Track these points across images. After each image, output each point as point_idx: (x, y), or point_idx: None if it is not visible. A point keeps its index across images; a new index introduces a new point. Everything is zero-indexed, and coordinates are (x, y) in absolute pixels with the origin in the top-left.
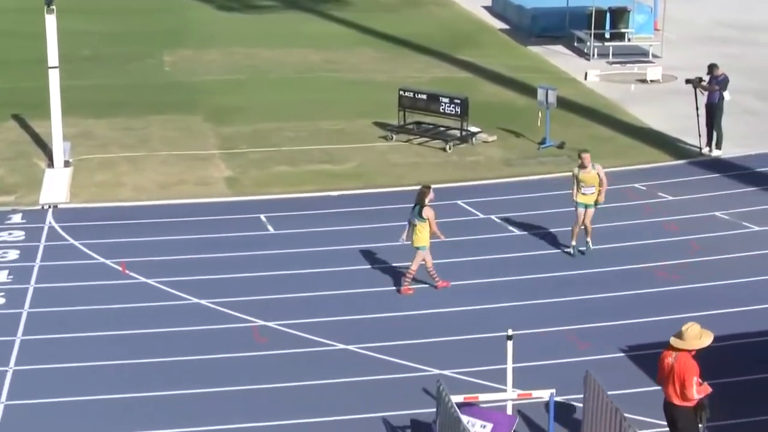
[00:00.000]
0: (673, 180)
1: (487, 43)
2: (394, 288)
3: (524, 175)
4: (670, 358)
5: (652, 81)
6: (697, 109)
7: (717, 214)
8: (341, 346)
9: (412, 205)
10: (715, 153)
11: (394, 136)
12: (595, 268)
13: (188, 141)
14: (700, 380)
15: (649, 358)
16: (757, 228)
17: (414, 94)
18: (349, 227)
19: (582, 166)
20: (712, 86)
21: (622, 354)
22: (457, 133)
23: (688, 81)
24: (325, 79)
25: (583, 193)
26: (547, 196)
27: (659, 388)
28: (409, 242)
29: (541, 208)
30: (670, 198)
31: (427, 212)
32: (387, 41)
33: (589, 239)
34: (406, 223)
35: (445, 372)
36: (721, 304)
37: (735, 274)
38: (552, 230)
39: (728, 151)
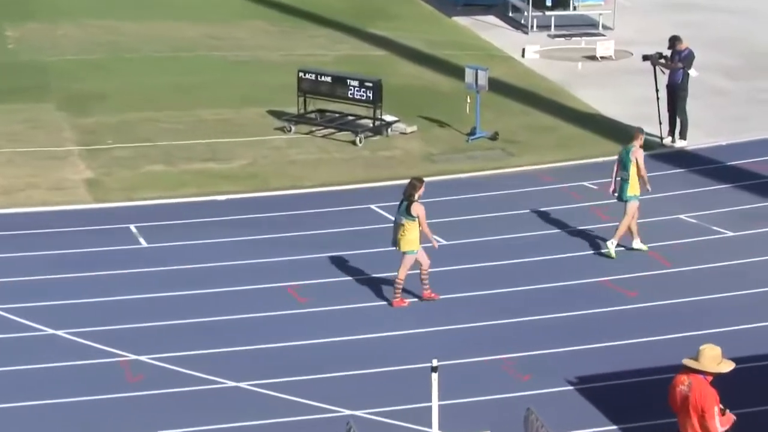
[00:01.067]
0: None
1: (405, 15)
2: (296, 311)
3: (450, 173)
4: (682, 386)
5: (602, 58)
6: (657, 90)
7: (682, 216)
8: (231, 383)
9: (399, 201)
10: (679, 143)
11: (293, 128)
12: (537, 284)
13: (38, 135)
14: (721, 408)
15: (602, 392)
16: (730, 233)
17: (316, 77)
18: (239, 239)
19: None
20: (675, 63)
21: (570, 387)
22: (370, 123)
23: (645, 57)
24: (206, 58)
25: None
26: (478, 198)
27: (615, 426)
28: (395, 247)
29: (471, 213)
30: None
31: (417, 209)
32: (282, 12)
33: (615, 240)
34: (393, 223)
35: (357, 413)
36: (687, 325)
37: (706, 290)
38: (485, 238)
39: (695, 140)
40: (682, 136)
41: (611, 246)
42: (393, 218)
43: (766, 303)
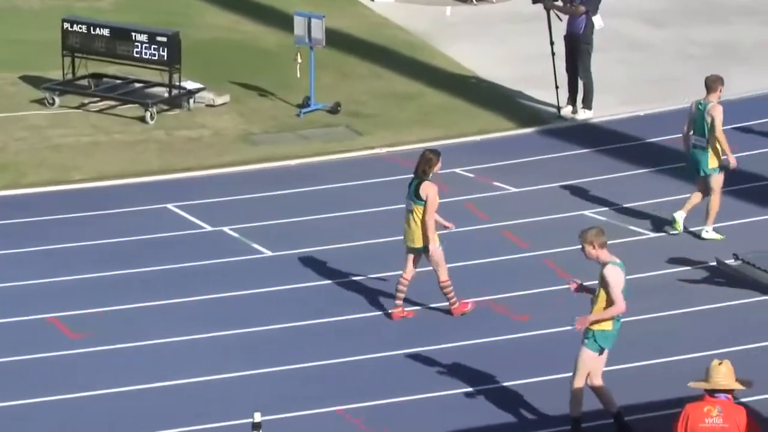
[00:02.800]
0: (516, 160)
1: None
2: (66, 352)
3: (276, 159)
4: (710, 418)
5: (478, 1)
6: (551, 44)
7: (586, 213)
8: None
9: (409, 179)
10: (583, 114)
11: (57, 100)
12: (378, 309)
13: None
14: None
15: None
16: (651, 234)
17: (89, 29)
18: None
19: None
20: (576, 7)
21: None
22: (164, 92)
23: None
24: None
25: None
26: (311, 193)
27: None
28: (407, 243)
29: (303, 213)
30: (513, 190)
31: (428, 189)
32: None
33: (710, 225)
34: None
35: None
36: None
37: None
38: (323, 247)
39: (603, 110)
40: (587, 104)
41: (710, 234)
42: (198, 224)
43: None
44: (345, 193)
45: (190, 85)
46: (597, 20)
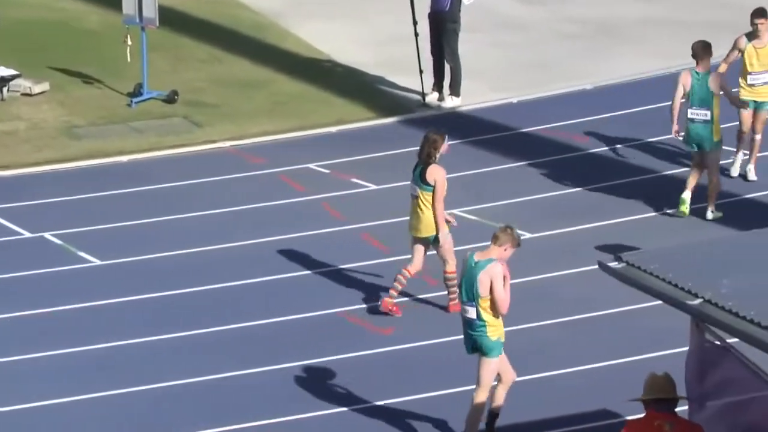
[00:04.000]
0: (377, 154)
1: None
2: None
3: (104, 155)
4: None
5: None
6: (415, 24)
7: (455, 211)
8: None
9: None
10: (450, 102)
11: None
12: (234, 323)
13: None
14: None
15: None
16: (529, 235)
17: None
18: None
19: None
20: None
21: None
22: None
23: None
24: None
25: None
26: (149, 192)
27: None
28: (412, 232)
29: (138, 216)
30: (373, 187)
31: (436, 173)
32: None
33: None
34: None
35: None
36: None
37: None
38: (159, 255)
39: (473, 97)
40: (454, 90)
41: (713, 214)
42: (15, 229)
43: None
44: (183, 192)
45: (2, 71)
46: None
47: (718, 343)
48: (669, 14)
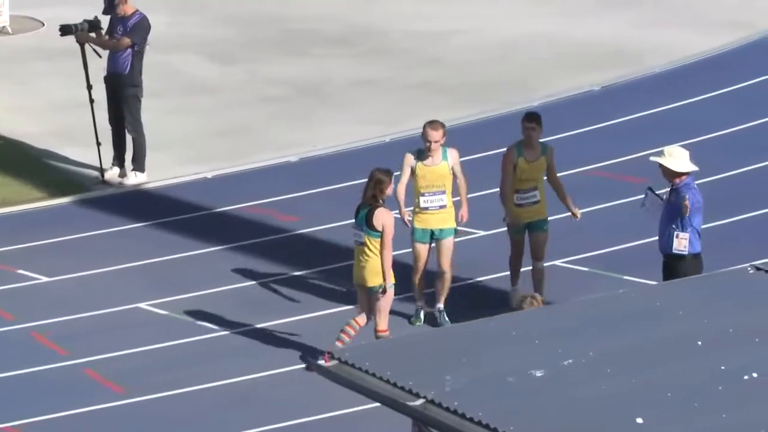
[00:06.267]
0: (47, 240)
1: None
2: None
3: None
4: None
5: None
6: (89, 89)
7: (142, 305)
8: None
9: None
10: (133, 179)
11: None
12: None
13: None
14: None
15: None
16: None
17: None
18: None
19: (426, 154)
20: (119, 40)
21: None
22: None
23: (66, 30)
24: None
25: (423, 208)
26: None
27: None
28: (356, 282)
29: None
30: (45, 279)
31: (383, 217)
32: None
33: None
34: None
35: None
36: None
37: None
38: None
39: (158, 173)
40: (138, 165)
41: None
42: None
43: None
44: None
45: None
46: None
47: None
48: (380, 75)
